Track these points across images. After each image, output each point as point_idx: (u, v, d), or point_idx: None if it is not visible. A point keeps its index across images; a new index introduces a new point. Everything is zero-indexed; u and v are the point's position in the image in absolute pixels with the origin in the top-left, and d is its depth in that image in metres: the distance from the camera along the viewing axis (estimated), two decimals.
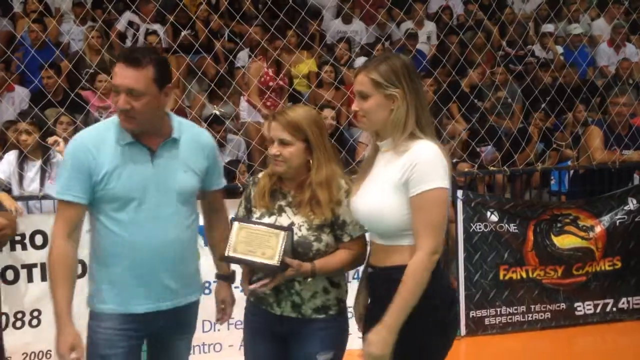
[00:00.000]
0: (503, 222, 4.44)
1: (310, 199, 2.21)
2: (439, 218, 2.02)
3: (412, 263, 2.00)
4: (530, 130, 5.97)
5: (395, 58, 2.11)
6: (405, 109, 2.04)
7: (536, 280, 4.55)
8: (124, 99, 2.14)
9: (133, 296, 2.26)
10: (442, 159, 2.04)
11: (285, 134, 2.19)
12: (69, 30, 6.71)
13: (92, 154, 2.20)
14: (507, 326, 4.51)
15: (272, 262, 2.14)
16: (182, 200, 2.29)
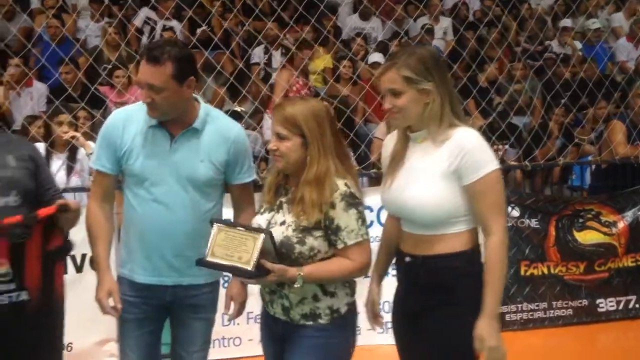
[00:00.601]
0: (524, 218, 4.39)
1: (300, 199, 2.08)
2: (502, 197, 2.05)
3: (493, 248, 2.02)
4: (551, 126, 5.90)
5: (421, 50, 2.10)
6: (440, 100, 2.04)
7: (558, 276, 4.49)
8: (146, 93, 2.29)
9: (139, 266, 2.42)
10: (484, 141, 2.06)
11: (281, 128, 2.10)
12: (86, 26, 6.74)
13: (119, 130, 2.39)
14: (528, 322, 4.46)
15: (247, 267, 2.00)
16: (197, 188, 2.37)
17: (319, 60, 6.94)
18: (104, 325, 3.72)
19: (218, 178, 2.43)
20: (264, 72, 6.84)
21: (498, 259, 2.02)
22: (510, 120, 5.23)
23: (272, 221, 2.14)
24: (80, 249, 3.68)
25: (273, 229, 2.11)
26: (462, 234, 2.05)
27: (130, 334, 2.48)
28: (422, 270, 2.09)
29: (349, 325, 2.18)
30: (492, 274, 2.01)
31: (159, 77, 2.25)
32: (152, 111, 2.33)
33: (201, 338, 2.52)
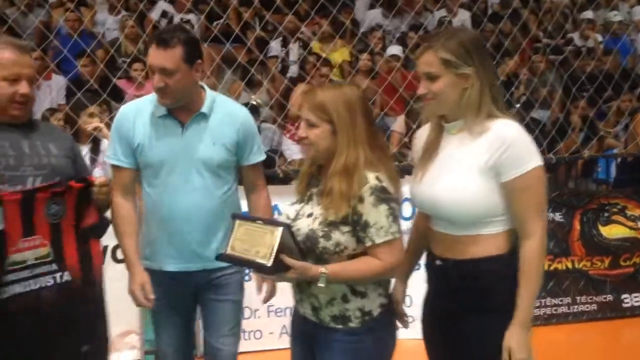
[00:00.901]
0: (548, 211, 4.27)
1: (329, 190, 1.96)
2: (544, 196, 1.90)
3: (530, 252, 1.86)
4: (573, 119, 5.82)
5: (463, 32, 1.95)
6: (479, 87, 1.88)
7: (582, 271, 4.43)
8: (158, 77, 2.32)
9: (163, 255, 2.47)
10: (528, 136, 1.90)
11: (310, 115, 1.99)
12: (104, 19, 6.73)
13: (131, 124, 2.45)
14: (552, 318, 4.41)
15: (265, 262, 1.90)
16: (211, 171, 2.42)
17: (337, 53, 6.89)
18: (125, 317, 3.72)
19: (231, 160, 2.48)
20: (281, 65, 6.81)
21: (534, 265, 1.86)
22: (531, 114, 5.14)
23: (301, 213, 2.04)
24: (102, 241, 3.68)
25: (300, 220, 2.02)
26: (499, 235, 1.90)
27: (163, 321, 2.53)
28: (454, 274, 1.95)
29: (384, 328, 2.02)
30: (527, 280, 1.86)
31: (170, 60, 2.29)
32: (165, 97, 2.36)
33: (229, 322, 2.51)
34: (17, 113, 2.08)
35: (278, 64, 6.72)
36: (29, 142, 2.11)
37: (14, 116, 2.09)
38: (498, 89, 1.94)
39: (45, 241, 2.09)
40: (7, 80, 2.04)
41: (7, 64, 2.05)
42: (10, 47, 2.08)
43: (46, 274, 2.10)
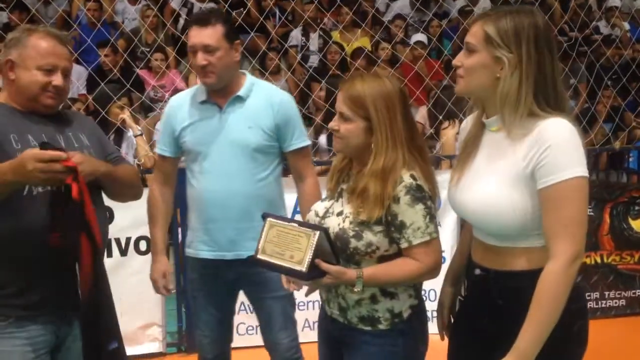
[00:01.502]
0: None
1: (362, 191, 1.85)
2: (581, 215, 1.59)
3: (547, 274, 1.59)
4: (598, 110, 5.70)
5: (526, 15, 1.64)
6: (518, 80, 1.61)
7: (611, 265, 4.34)
8: (201, 55, 2.35)
9: (200, 242, 2.47)
10: (579, 140, 1.61)
11: (345, 108, 1.86)
12: (123, 8, 6.70)
13: (174, 112, 2.50)
14: None
15: (300, 268, 1.80)
16: (248, 154, 2.40)
17: (357, 42, 6.80)
18: (147, 309, 3.72)
19: (269, 144, 2.44)
20: (301, 54, 6.75)
21: (549, 293, 1.58)
22: None
23: (330, 210, 1.95)
24: (125, 233, 3.67)
25: (329, 218, 1.93)
26: (544, 249, 1.63)
27: (201, 310, 2.54)
28: (494, 288, 1.73)
29: (415, 331, 1.92)
30: (537, 309, 1.58)
31: (213, 37, 2.34)
32: (208, 75, 2.37)
33: (279, 317, 2.49)
34: (48, 102, 2.02)
35: (299, 54, 6.66)
36: (63, 135, 2.06)
37: (45, 105, 2.02)
38: (551, 87, 1.65)
39: None
40: (42, 69, 1.98)
41: (44, 53, 1.99)
42: (49, 37, 2.01)
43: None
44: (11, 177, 1.79)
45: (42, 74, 1.99)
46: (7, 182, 1.80)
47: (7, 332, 1.94)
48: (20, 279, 1.94)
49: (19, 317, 1.94)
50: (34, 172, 1.76)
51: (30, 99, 2.01)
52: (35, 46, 1.99)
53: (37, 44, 1.99)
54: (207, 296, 2.50)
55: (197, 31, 2.34)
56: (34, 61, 1.98)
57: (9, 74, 2.01)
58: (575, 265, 1.60)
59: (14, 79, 2.01)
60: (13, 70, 2.00)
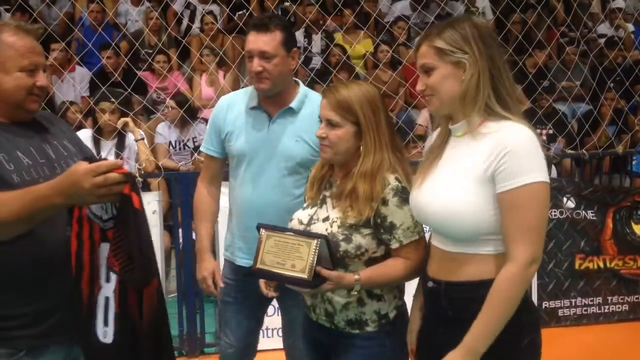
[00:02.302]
0: (580, 209, 4.21)
1: (350, 192, 1.89)
2: (539, 220, 1.62)
3: (503, 276, 1.62)
4: (602, 112, 5.68)
5: (463, 21, 1.70)
6: (477, 78, 1.65)
7: (614, 270, 4.32)
8: (257, 61, 2.32)
9: (237, 248, 2.47)
10: (538, 145, 1.64)
11: (333, 114, 1.90)
12: (126, 11, 6.70)
13: (223, 113, 2.47)
14: (582, 318, 4.31)
15: (303, 276, 1.82)
16: (290, 167, 2.37)
17: (360, 45, 6.79)
18: None
19: (314, 159, 2.38)
20: (304, 56, 6.74)
21: (502, 294, 1.61)
22: (562, 107, 5.01)
23: (315, 217, 1.98)
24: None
25: (315, 225, 1.95)
26: (498, 257, 1.66)
27: (230, 317, 2.52)
28: (445, 300, 1.74)
29: (401, 331, 1.97)
30: (489, 307, 1.61)
31: (270, 44, 2.31)
32: (262, 81, 2.34)
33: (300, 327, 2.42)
34: (33, 107, 1.81)
35: (301, 56, 6.66)
36: (50, 145, 1.86)
37: (29, 111, 1.81)
38: (506, 82, 1.69)
39: None
40: (25, 70, 1.76)
41: (24, 52, 1.75)
42: (24, 33, 1.77)
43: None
44: (62, 200, 1.57)
45: (26, 75, 1.76)
46: (56, 206, 1.59)
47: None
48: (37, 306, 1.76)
49: (32, 347, 1.77)
50: (93, 189, 1.53)
51: (15, 106, 1.79)
52: (12, 45, 1.75)
53: (13, 42, 1.75)
54: (239, 304, 2.47)
55: (255, 36, 2.32)
56: (14, 62, 1.75)
57: None
58: (532, 269, 1.63)
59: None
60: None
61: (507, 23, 5.78)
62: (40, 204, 1.58)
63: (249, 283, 2.38)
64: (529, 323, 1.69)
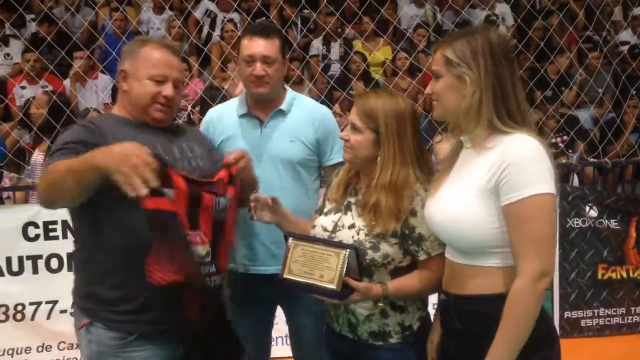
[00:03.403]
0: (603, 218, 4.16)
1: (374, 205, 1.89)
2: (545, 232, 1.59)
3: (513, 293, 1.59)
4: (625, 120, 5.62)
5: (479, 34, 1.69)
6: (479, 96, 1.65)
7: (637, 280, 4.24)
8: (260, 66, 2.34)
9: (243, 256, 2.44)
10: (544, 156, 1.62)
11: (357, 119, 1.92)
12: (148, 19, 6.79)
13: (213, 124, 2.47)
14: (605, 328, 4.25)
15: (332, 287, 1.80)
16: (289, 168, 2.38)
17: (379, 52, 6.80)
18: None
19: (311, 159, 2.44)
20: (323, 64, 6.77)
21: (515, 310, 1.58)
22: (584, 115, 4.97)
23: (339, 224, 1.97)
24: None
25: (340, 232, 1.95)
26: (505, 270, 1.64)
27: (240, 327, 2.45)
28: (454, 314, 1.74)
29: (424, 342, 1.95)
30: (506, 326, 1.59)
31: (272, 49, 2.35)
32: (262, 85, 2.37)
33: (311, 334, 2.44)
34: (158, 115, 1.98)
35: (320, 63, 6.68)
36: (176, 146, 2.02)
37: (155, 119, 1.98)
38: (513, 100, 1.68)
39: (206, 238, 1.88)
40: (153, 79, 1.95)
41: (156, 64, 1.95)
42: (162, 48, 1.99)
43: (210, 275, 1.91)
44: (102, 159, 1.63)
45: (153, 84, 1.95)
46: (97, 166, 1.64)
47: (126, 350, 1.88)
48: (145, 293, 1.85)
49: (142, 334, 1.88)
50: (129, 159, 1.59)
51: (141, 110, 1.98)
52: (148, 57, 1.96)
53: (149, 54, 1.97)
54: (246, 311, 2.47)
55: (257, 42, 2.35)
56: (146, 71, 1.95)
57: (122, 84, 2.00)
58: (543, 283, 1.60)
59: (127, 90, 1.98)
60: (126, 81, 1.98)
61: (527, 30, 5.77)
62: (88, 164, 1.66)
63: (254, 290, 2.43)
64: (538, 338, 1.64)
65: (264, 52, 2.34)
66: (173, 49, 2.03)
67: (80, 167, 1.68)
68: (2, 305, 3.48)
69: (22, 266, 3.48)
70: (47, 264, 3.50)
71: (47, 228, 3.48)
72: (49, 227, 3.48)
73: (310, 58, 6.59)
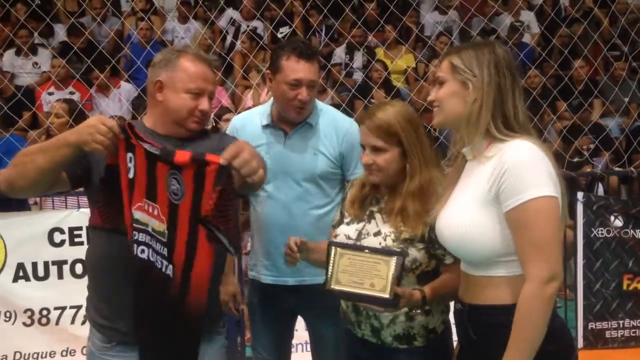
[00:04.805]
0: (628, 228, 4.09)
1: (400, 210, 1.90)
2: (549, 235, 1.58)
3: (522, 298, 1.58)
4: None
5: (487, 47, 1.73)
6: (480, 100, 1.67)
7: None
8: (307, 91, 2.31)
9: (262, 266, 2.46)
10: (542, 158, 1.62)
11: (376, 140, 1.90)
12: (173, 28, 6.89)
13: (236, 133, 2.42)
14: (630, 340, 4.16)
15: (385, 295, 1.77)
16: (311, 181, 2.36)
17: (401, 60, 6.80)
18: None
19: (334, 172, 2.42)
20: (345, 72, 6.78)
21: (525, 316, 1.57)
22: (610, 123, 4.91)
23: (364, 232, 1.97)
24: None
25: (365, 240, 1.95)
26: (512, 280, 1.63)
27: (261, 335, 2.53)
28: (468, 322, 1.74)
29: (448, 344, 1.98)
30: (517, 333, 1.57)
31: (317, 73, 2.35)
32: (306, 111, 2.36)
33: (332, 342, 2.42)
34: (193, 127, 1.98)
35: (342, 71, 6.70)
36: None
37: (190, 130, 1.99)
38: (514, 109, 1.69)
39: (163, 217, 1.75)
40: (191, 93, 1.94)
41: (194, 77, 1.95)
42: (199, 60, 1.98)
43: (157, 254, 1.78)
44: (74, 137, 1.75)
45: (190, 97, 1.95)
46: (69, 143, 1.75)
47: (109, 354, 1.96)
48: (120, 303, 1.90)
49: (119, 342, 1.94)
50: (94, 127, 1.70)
51: (176, 122, 1.97)
52: (185, 69, 1.96)
53: (187, 67, 1.96)
54: (267, 321, 2.48)
55: (307, 65, 2.30)
56: (183, 84, 1.94)
57: (157, 94, 1.97)
58: (552, 287, 1.58)
59: (162, 100, 1.97)
60: (162, 92, 1.97)
61: (551, 38, 5.73)
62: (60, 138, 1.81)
63: (275, 300, 2.43)
64: (552, 352, 1.63)
65: (312, 77, 2.30)
66: (209, 61, 2.02)
67: (53, 144, 1.80)
68: (28, 310, 3.53)
69: (48, 271, 3.53)
70: (72, 269, 3.55)
71: (73, 234, 3.54)
72: (74, 232, 3.53)
73: (333, 67, 6.62)
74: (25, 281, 3.51)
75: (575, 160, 4.72)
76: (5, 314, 3.50)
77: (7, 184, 1.86)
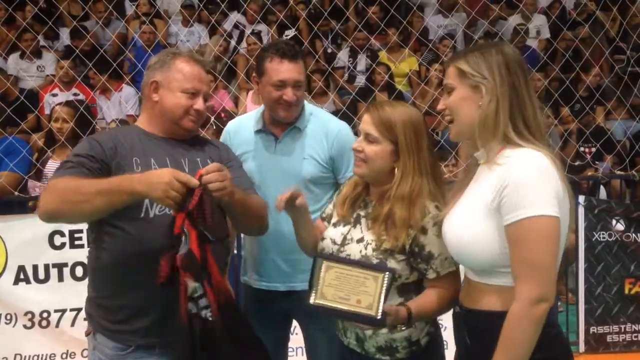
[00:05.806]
0: (630, 232, 4.07)
1: (386, 216, 1.85)
2: (544, 256, 1.54)
3: (510, 316, 1.56)
4: None
5: (494, 48, 1.68)
6: (495, 105, 1.62)
7: None
8: (292, 91, 2.31)
9: (254, 272, 2.46)
10: (548, 173, 1.57)
11: (373, 129, 1.87)
12: (176, 31, 6.91)
13: (229, 138, 2.46)
14: (632, 344, 4.14)
15: (371, 313, 1.68)
16: (303, 185, 2.32)
17: (404, 63, 6.79)
18: None
19: (324, 176, 2.41)
20: (348, 75, 6.78)
21: (512, 334, 1.54)
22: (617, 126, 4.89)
23: (348, 237, 1.94)
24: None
25: (348, 245, 1.92)
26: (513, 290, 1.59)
27: None
28: (464, 326, 1.73)
29: (432, 357, 1.94)
30: (501, 350, 1.55)
31: (302, 73, 2.33)
32: (294, 110, 2.35)
33: (326, 348, 2.38)
34: (189, 125, 2.02)
35: (345, 74, 6.70)
36: (189, 159, 2.03)
37: (186, 129, 2.03)
38: (528, 112, 1.64)
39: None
40: (186, 93, 2.00)
41: (189, 77, 2.01)
42: (194, 62, 2.04)
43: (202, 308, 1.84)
44: (143, 187, 1.76)
45: (185, 97, 2.00)
46: (135, 192, 1.78)
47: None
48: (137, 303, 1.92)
49: (138, 346, 1.93)
50: (169, 185, 1.72)
51: (172, 122, 2.02)
52: (181, 69, 2.01)
53: (182, 67, 2.01)
54: (261, 325, 2.40)
55: (291, 66, 2.30)
56: (179, 84, 1.99)
57: (152, 95, 2.02)
58: (540, 309, 1.54)
59: (157, 100, 2.01)
60: (157, 92, 2.01)
61: (553, 42, 5.70)
62: (125, 186, 1.79)
63: (269, 305, 2.42)
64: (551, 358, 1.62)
65: (296, 77, 2.30)
66: (203, 63, 2.07)
67: (115, 190, 1.79)
68: (28, 312, 3.56)
69: (48, 274, 3.55)
70: (72, 272, 3.57)
71: (73, 237, 3.56)
72: (75, 235, 3.56)
73: (335, 70, 6.62)
74: (26, 284, 3.54)
75: (577, 164, 4.69)
76: (6, 317, 3.53)
77: (50, 215, 1.87)
